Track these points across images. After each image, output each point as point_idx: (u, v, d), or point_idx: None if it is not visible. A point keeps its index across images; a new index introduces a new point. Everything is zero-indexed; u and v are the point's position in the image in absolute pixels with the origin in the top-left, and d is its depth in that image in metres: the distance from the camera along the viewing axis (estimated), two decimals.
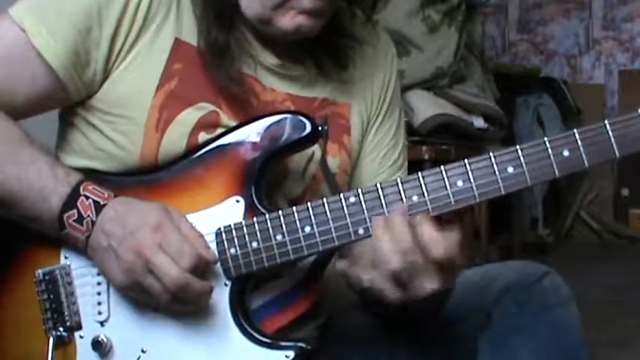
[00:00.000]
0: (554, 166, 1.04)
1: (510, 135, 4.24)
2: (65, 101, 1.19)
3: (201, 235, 1.10)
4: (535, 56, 5.63)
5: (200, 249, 1.08)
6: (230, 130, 1.16)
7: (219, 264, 1.12)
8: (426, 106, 3.35)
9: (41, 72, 1.15)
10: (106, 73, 1.17)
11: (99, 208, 1.09)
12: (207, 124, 1.18)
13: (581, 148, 1.04)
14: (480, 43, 3.79)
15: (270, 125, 1.14)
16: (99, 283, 1.14)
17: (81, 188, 1.10)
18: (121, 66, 1.17)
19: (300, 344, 1.11)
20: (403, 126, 1.40)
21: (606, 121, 1.04)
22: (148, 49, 1.17)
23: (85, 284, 1.15)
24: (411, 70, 3.32)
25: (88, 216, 1.09)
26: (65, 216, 1.10)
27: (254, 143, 1.14)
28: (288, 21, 1.16)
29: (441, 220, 1.05)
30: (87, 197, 1.10)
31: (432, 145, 3.24)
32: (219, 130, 1.18)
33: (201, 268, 1.08)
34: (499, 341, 1.19)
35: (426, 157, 3.17)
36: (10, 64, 1.15)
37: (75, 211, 1.09)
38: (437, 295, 1.04)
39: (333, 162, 1.26)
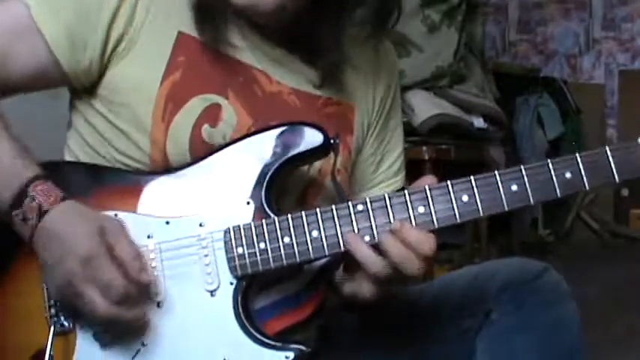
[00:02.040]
0: (557, 186, 1.10)
1: (510, 135, 4.25)
2: (62, 82, 1.21)
3: (138, 255, 1.09)
4: (535, 56, 5.64)
5: (133, 274, 1.07)
6: (245, 135, 1.18)
7: (225, 262, 1.13)
8: (426, 106, 3.35)
9: (39, 46, 1.17)
10: (105, 62, 1.18)
11: (41, 213, 1.09)
12: (209, 116, 1.19)
13: (583, 172, 1.09)
14: (480, 43, 3.79)
15: (284, 133, 1.16)
16: None
17: (30, 188, 1.10)
18: (126, 58, 1.18)
19: (300, 346, 1.12)
20: (402, 132, 1.41)
21: (607, 147, 1.10)
22: (152, 41, 1.18)
23: None
24: (411, 70, 3.32)
25: (32, 219, 1.09)
26: (13, 214, 1.10)
27: (268, 150, 1.16)
28: None
29: None
30: (33, 198, 1.09)
31: (432, 145, 3.25)
32: (221, 122, 1.19)
33: (135, 294, 1.08)
34: (498, 339, 1.20)
35: (426, 157, 3.18)
36: (10, 35, 1.18)
37: (21, 210, 1.10)
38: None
39: (337, 160, 1.26)
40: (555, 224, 4.83)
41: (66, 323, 1.14)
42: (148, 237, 1.14)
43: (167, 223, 1.14)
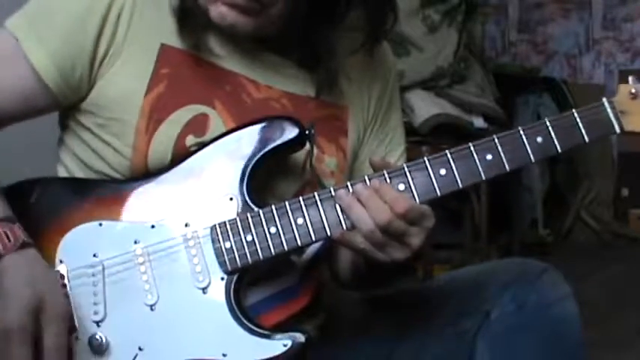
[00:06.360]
0: (530, 152, 1.14)
1: None
2: (53, 106, 1.22)
3: (63, 348, 1.07)
4: (535, 56, 5.63)
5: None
6: (223, 134, 1.19)
7: (214, 258, 1.14)
8: (426, 106, 3.35)
9: (27, 73, 1.19)
10: (93, 78, 1.20)
11: None
12: (195, 125, 1.20)
13: (553, 135, 1.14)
14: (480, 43, 3.79)
15: (260, 129, 1.18)
16: (94, 284, 1.15)
17: None
18: (110, 71, 1.20)
19: (297, 334, 1.13)
20: (403, 130, 1.41)
21: (574, 110, 1.15)
22: (135, 55, 1.20)
23: (81, 285, 1.15)
24: (411, 70, 3.32)
25: None
26: None
27: (245, 146, 1.18)
28: (214, 10, 1.18)
29: None
30: None
31: (432, 145, 3.24)
32: (208, 132, 1.20)
33: None
34: (498, 339, 1.20)
35: (427, 157, 3.17)
36: None
37: None
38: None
39: (330, 161, 1.27)
40: (555, 224, 4.82)
41: None
42: (135, 242, 1.15)
43: (152, 227, 1.15)
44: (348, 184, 1.14)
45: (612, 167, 5.02)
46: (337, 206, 1.13)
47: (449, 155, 1.14)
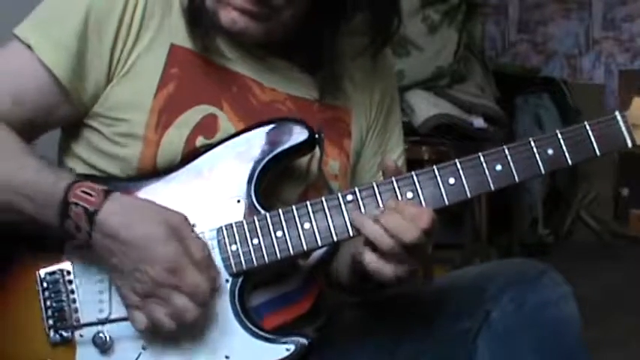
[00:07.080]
0: (540, 163, 1.13)
1: (510, 135, 4.24)
2: (72, 113, 1.21)
3: (206, 245, 1.11)
4: (535, 56, 5.63)
5: (210, 271, 1.10)
6: (231, 136, 1.19)
7: (220, 260, 1.14)
8: (426, 106, 3.35)
9: (47, 82, 1.17)
10: (107, 83, 1.19)
11: (90, 216, 1.08)
12: (205, 127, 1.20)
13: (564, 148, 1.13)
14: (479, 43, 3.79)
15: (270, 131, 1.18)
16: (100, 281, 1.15)
17: (70, 195, 1.09)
18: (121, 72, 1.19)
19: (300, 338, 1.13)
20: (402, 132, 1.42)
21: (586, 123, 1.14)
22: (145, 55, 1.19)
23: (87, 282, 1.15)
24: (411, 70, 3.32)
25: (83, 227, 1.08)
26: (65, 226, 1.09)
27: (254, 148, 1.17)
28: (224, 15, 1.18)
29: None
30: (76, 204, 1.08)
31: (432, 145, 3.25)
32: (218, 133, 1.20)
33: (212, 290, 1.10)
34: (498, 339, 1.20)
35: (426, 157, 3.18)
36: (15, 76, 1.19)
37: (71, 221, 1.09)
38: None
39: (333, 164, 1.28)
40: (555, 224, 4.82)
41: (65, 333, 1.14)
42: None
43: None
44: (356, 189, 1.14)
45: (612, 167, 5.02)
46: (344, 212, 1.13)
47: (458, 165, 1.13)
